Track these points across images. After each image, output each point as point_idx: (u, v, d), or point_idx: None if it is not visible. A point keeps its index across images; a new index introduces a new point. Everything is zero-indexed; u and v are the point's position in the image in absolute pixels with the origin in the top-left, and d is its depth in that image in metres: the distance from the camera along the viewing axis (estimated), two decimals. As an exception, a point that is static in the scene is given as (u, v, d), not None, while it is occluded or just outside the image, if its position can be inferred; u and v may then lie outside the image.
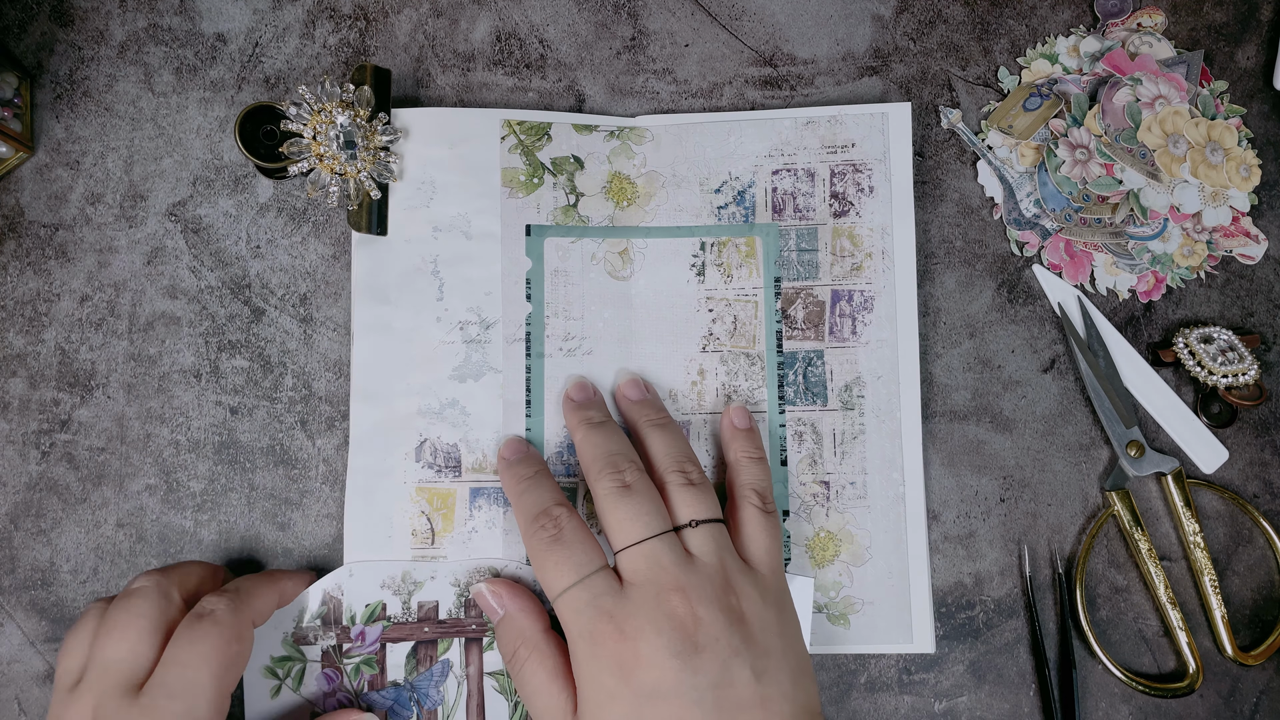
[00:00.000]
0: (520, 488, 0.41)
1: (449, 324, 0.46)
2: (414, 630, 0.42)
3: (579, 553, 0.38)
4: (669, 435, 0.42)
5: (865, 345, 0.46)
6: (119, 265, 0.47)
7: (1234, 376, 0.46)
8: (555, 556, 0.38)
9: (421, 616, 0.42)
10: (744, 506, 0.41)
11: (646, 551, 0.37)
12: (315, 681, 0.41)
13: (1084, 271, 0.48)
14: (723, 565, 0.38)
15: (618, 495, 0.39)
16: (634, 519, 0.38)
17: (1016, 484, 0.47)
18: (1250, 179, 0.48)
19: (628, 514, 0.38)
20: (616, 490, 0.39)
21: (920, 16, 0.50)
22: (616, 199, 0.47)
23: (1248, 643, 0.47)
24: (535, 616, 0.41)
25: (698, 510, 0.39)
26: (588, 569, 0.38)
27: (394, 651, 0.42)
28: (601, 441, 0.41)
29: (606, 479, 0.39)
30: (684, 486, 0.40)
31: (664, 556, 0.37)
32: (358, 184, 0.45)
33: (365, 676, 0.41)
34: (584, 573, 0.38)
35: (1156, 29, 0.50)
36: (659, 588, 0.36)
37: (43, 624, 0.45)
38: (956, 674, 0.46)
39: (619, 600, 0.37)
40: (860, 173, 0.47)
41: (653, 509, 0.38)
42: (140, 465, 0.46)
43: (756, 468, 0.42)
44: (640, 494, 0.39)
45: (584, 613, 0.37)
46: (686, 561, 0.37)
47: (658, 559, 0.37)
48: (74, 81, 0.48)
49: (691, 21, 0.50)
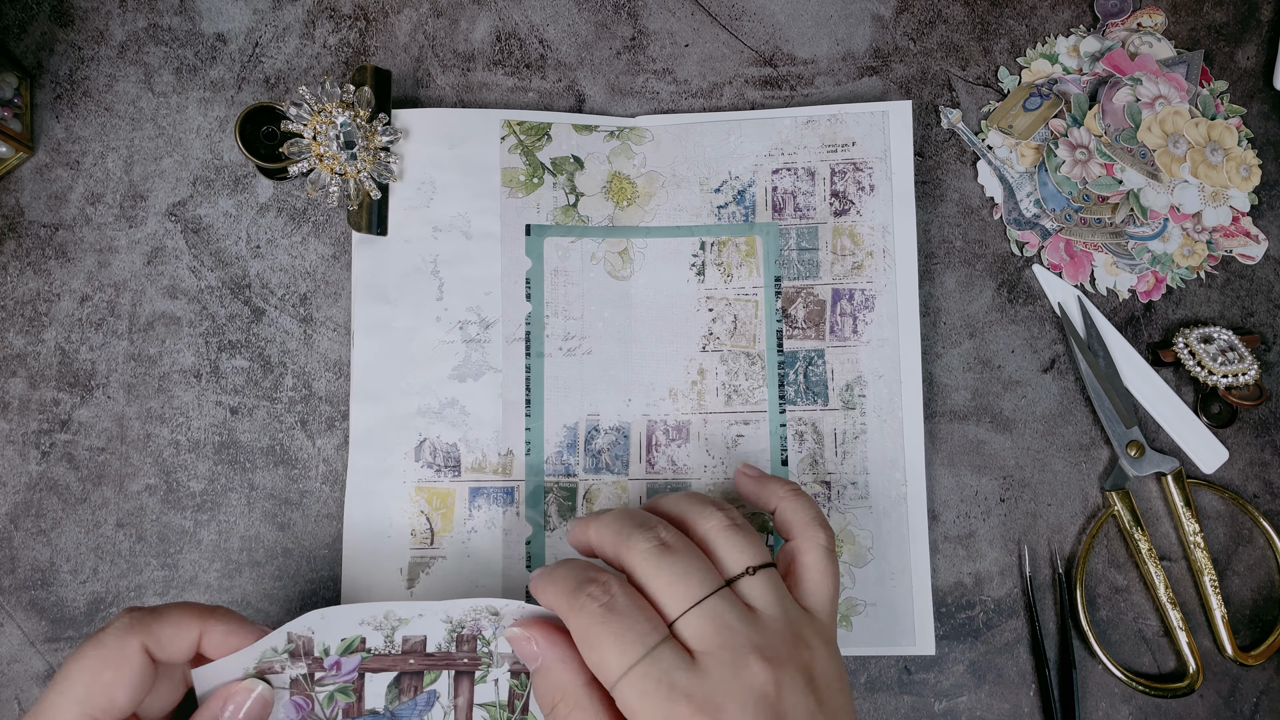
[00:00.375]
0: (549, 570, 0.36)
1: (449, 324, 0.46)
2: (397, 662, 0.39)
3: (640, 621, 0.32)
4: (685, 494, 0.38)
5: (866, 344, 0.46)
6: (119, 265, 0.47)
7: (1234, 376, 0.46)
8: (612, 629, 0.32)
9: (406, 650, 0.39)
10: (809, 548, 0.37)
11: (709, 612, 0.32)
12: (282, 709, 0.37)
13: (1084, 271, 0.48)
14: (787, 617, 0.34)
15: (658, 555, 0.34)
16: (685, 577, 0.33)
17: (1016, 484, 0.47)
18: (1250, 179, 0.48)
19: (676, 573, 0.33)
20: (655, 551, 0.34)
21: (920, 16, 0.50)
22: (616, 199, 0.47)
23: (1248, 643, 0.47)
24: (577, 667, 0.35)
25: (750, 554, 0.35)
26: (652, 640, 0.32)
27: (374, 681, 0.39)
28: (615, 517, 0.36)
29: (639, 541, 0.34)
30: (728, 530, 0.35)
31: (728, 615, 0.33)
32: (358, 184, 0.45)
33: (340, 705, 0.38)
34: (649, 645, 0.32)
35: (1156, 29, 0.50)
36: (734, 654, 0.32)
37: (43, 624, 0.45)
38: (956, 674, 0.46)
39: (694, 676, 0.31)
40: (861, 171, 0.47)
41: (701, 564, 0.34)
42: (140, 465, 0.46)
43: (807, 502, 0.39)
44: (683, 550, 0.34)
45: (655, 695, 0.31)
46: (752, 617, 0.33)
47: (723, 619, 0.32)
48: (74, 81, 0.48)
49: (691, 21, 0.50)
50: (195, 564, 0.46)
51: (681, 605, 0.33)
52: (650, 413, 0.46)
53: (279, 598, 0.46)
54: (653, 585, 0.33)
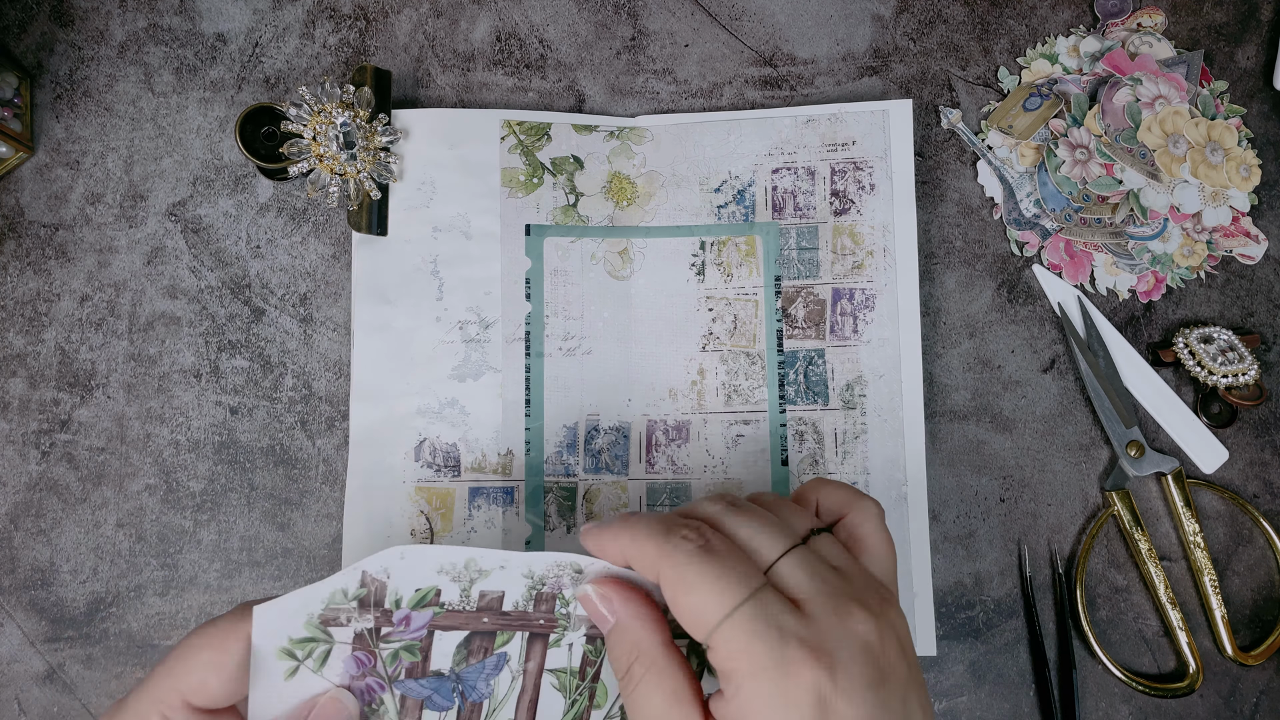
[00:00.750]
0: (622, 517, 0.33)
1: (448, 324, 0.46)
2: (470, 620, 0.36)
3: (739, 564, 0.30)
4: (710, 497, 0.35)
5: (867, 344, 0.46)
6: (119, 265, 0.47)
7: (1234, 376, 0.46)
8: (712, 569, 0.30)
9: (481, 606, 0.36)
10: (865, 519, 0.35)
11: (801, 560, 0.31)
12: (342, 664, 0.34)
13: (1084, 271, 0.48)
14: (866, 574, 0.32)
15: (731, 513, 0.32)
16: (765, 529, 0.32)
17: (1016, 484, 0.47)
18: (1250, 179, 0.48)
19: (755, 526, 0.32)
20: (725, 509, 0.32)
21: (920, 16, 0.50)
22: (616, 199, 0.47)
23: (1248, 643, 0.47)
24: (654, 627, 0.33)
25: (808, 519, 0.34)
26: (755, 581, 0.30)
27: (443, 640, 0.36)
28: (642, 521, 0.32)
29: (677, 543, 0.31)
30: (778, 502, 0.34)
31: (819, 566, 0.31)
32: (358, 184, 0.45)
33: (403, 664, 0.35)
34: (752, 586, 0.29)
35: (1156, 29, 0.50)
36: (835, 601, 0.30)
37: (43, 624, 0.45)
38: (956, 674, 0.46)
39: (801, 620, 0.29)
40: (861, 170, 0.47)
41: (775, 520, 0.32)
42: (140, 465, 0.46)
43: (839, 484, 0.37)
44: (752, 509, 0.32)
45: (765, 636, 0.29)
46: (838, 571, 0.31)
47: (815, 568, 0.31)
48: (74, 81, 0.48)
49: (691, 21, 0.50)
50: (195, 564, 0.46)
51: (775, 551, 0.31)
52: (650, 413, 0.46)
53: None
54: (740, 533, 0.31)
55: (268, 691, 0.33)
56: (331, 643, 0.35)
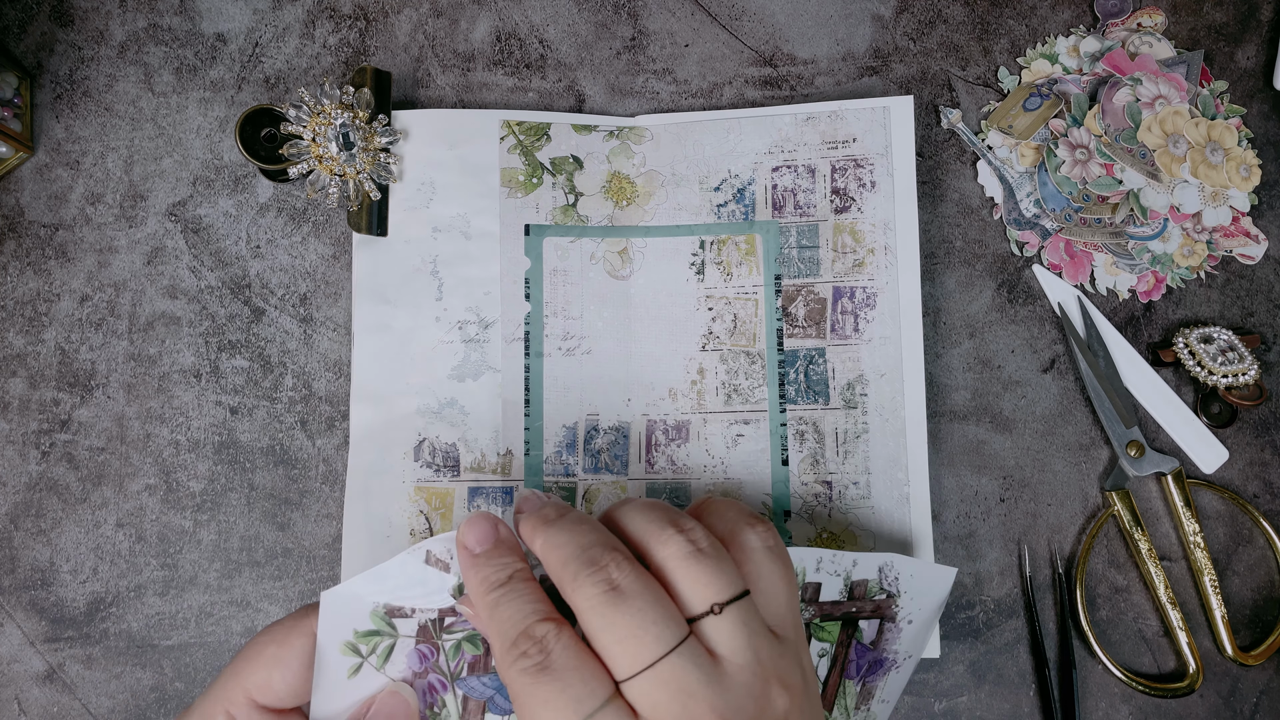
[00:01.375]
0: (490, 599, 0.31)
1: (448, 324, 0.46)
2: None
3: (575, 683, 0.28)
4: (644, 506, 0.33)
5: (868, 343, 0.46)
6: (119, 265, 0.47)
7: (1234, 376, 0.46)
8: (543, 692, 0.28)
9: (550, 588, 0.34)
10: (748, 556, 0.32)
11: (665, 676, 0.28)
12: (405, 659, 0.33)
13: (1084, 271, 0.48)
14: (759, 659, 0.29)
15: (607, 603, 0.29)
16: (638, 631, 0.28)
17: (1016, 484, 0.47)
18: (1250, 179, 0.48)
19: (627, 626, 0.28)
20: (602, 598, 0.29)
21: (920, 16, 0.50)
22: (616, 198, 0.47)
23: (1248, 643, 0.46)
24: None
25: (717, 587, 0.30)
26: (589, 705, 0.28)
27: None
28: (567, 538, 0.31)
29: (585, 584, 0.29)
30: (689, 559, 0.30)
31: (689, 677, 0.28)
32: (357, 185, 0.45)
33: (466, 657, 0.34)
34: (585, 711, 0.27)
35: (1156, 29, 0.50)
36: None
37: (43, 624, 0.45)
38: (956, 674, 0.46)
39: None
40: (862, 168, 0.47)
41: (658, 610, 0.29)
42: (140, 465, 0.46)
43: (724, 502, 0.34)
44: (637, 594, 0.29)
45: None
46: (716, 674, 0.28)
47: (681, 684, 0.28)
48: (74, 81, 0.48)
49: (691, 21, 0.50)
50: (195, 564, 0.46)
51: (632, 666, 0.28)
52: (650, 412, 0.46)
53: (279, 598, 0.46)
54: (601, 640, 0.29)
55: (330, 691, 0.33)
56: (396, 636, 0.34)
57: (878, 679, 0.41)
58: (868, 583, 0.40)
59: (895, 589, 0.40)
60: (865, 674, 0.41)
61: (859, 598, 0.39)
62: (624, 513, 0.33)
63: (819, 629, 0.39)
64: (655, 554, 0.31)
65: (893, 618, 0.40)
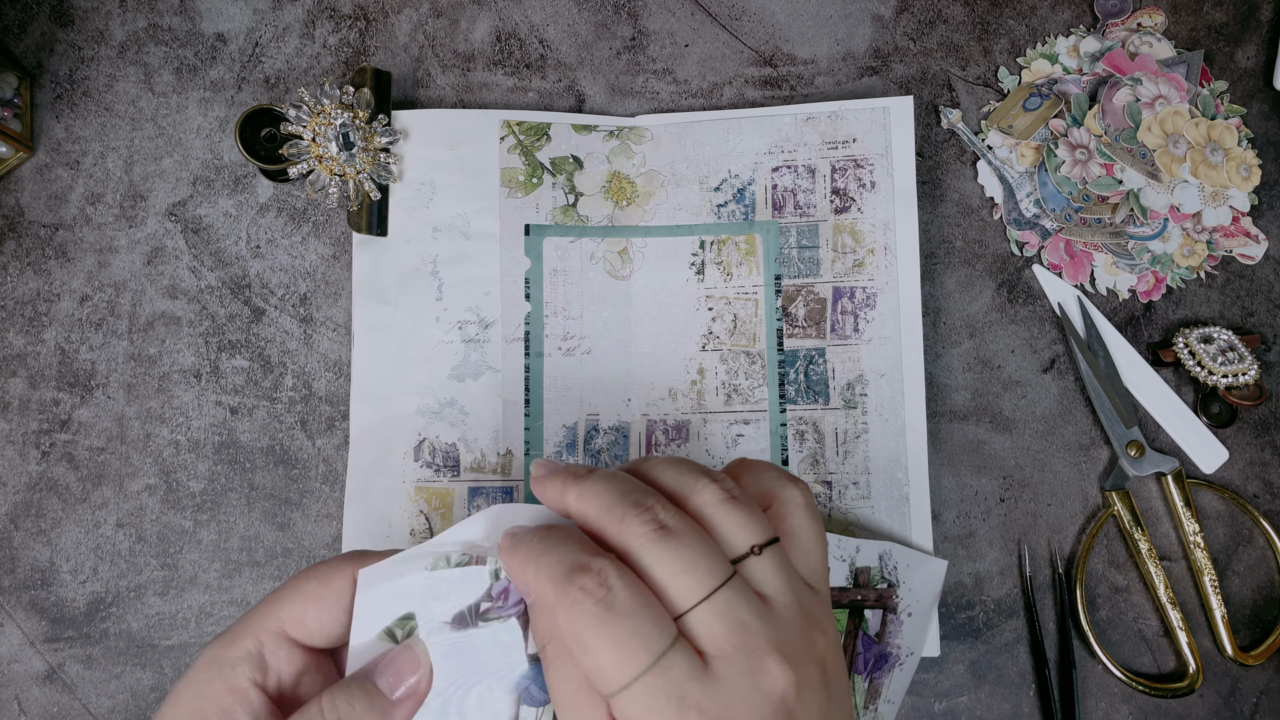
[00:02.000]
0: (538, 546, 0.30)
1: (448, 324, 0.46)
2: None
3: (645, 622, 0.27)
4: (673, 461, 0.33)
5: (868, 343, 0.46)
6: (119, 265, 0.47)
7: (1234, 376, 0.46)
8: (613, 631, 0.27)
9: None
10: (790, 510, 0.32)
11: (721, 608, 0.28)
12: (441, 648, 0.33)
13: (1084, 271, 0.48)
14: (799, 600, 0.30)
15: (658, 542, 0.28)
16: (691, 567, 0.28)
17: (1016, 484, 0.47)
18: (1250, 179, 0.48)
19: (682, 561, 0.28)
20: (653, 536, 0.29)
21: (920, 16, 0.50)
22: (616, 198, 0.47)
23: (1248, 643, 0.46)
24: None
25: (754, 530, 0.30)
26: (661, 644, 0.27)
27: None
28: (604, 486, 0.31)
29: (635, 525, 0.29)
30: (726, 504, 0.30)
31: (742, 609, 0.28)
32: (357, 185, 0.45)
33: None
34: (657, 650, 0.27)
35: (1156, 29, 0.50)
36: (751, 656, 0.28)
37: (43, 624, 0.45)
38: (956, 674, 0.46)
39: (708, 686, 0.27)
40: (862, 168, 0.47)
41: (708, 548, 0.29)
42: (140, 465, 0.46)
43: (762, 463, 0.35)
44: (685, 532, 0.29)
45: (663, 711, 0.27)
46: (765, 609, 0.29)
47: (737, 615, 0.28)
48: (74, 81, 0.48)
49: (691, 21, 0.50)
50: (195, 564, 0.46)
51: (691, 598, 0.28)
52: (650, 412, 0.46)
53: (279, 598, 0.46)
54: (657, 574, 0.28)
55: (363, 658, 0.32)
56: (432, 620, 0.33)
57: (884, 676, 0.41)
58: (870, 570, 0.40)
59: (895, 578, 0.41)
60: (872, 669, 0.41)
61: (863, 585, 0.40)
62: (652, 466, 0.33)
63: None
64: (692, 500, 0.31)
65: (894, 609, 0.41)
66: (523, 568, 0.30)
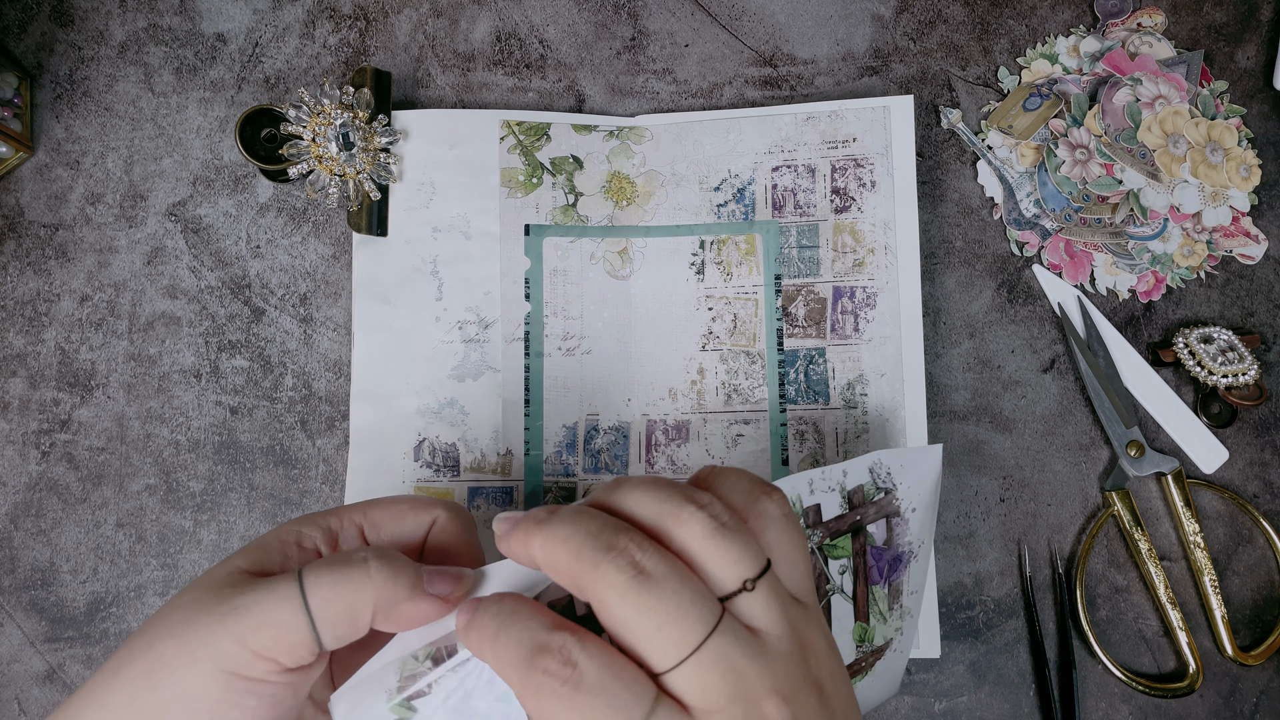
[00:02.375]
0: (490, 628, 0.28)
1: (448, 324, 0.46)
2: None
3: (619, 693, 0.25)
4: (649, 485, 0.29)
5: (868, 342, 0.46)
6: (119, 265, 0.47)
7: (1234, 376, 0.46)
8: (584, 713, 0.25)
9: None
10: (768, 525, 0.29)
11: (711, 658, 0.25)
12: None
13: (1084, 271, 0.48)
14: (793, 627, 0.28)
15: (637, 588, 0.26)
16: (676, 617, 0.25)
17: (1016, 484, 0.47)
18: (1250, 179, 0.48)
19: (664, 613, 0.25)
20: (631, 584, 0.26)
21: (920, 16, 0.50)
22: (616, 198, 0.47)
23: (1248, 643, 0.46)
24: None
25: (745, 563, 0.27)
26: (639, 711, 0.25)
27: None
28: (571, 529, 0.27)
29: (609, 571, 0.26)
30: (714, 535, 0.27)
31: (735, 655, 0.26)
32: (357, 185, 0.45)
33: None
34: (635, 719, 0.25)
35: (1156, 29, 0.50)
36: (746, 705, 0.26)
37: (43, 624, 0.45)
38: (956, 674, 0.46)
39: None
40: (862, 168, 0.47)
41: (692, 591, 0.26)
42: (140, 465, 0.46)
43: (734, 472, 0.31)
44: (666, 575, 0.26)
45: None
46: (759, 648, 0.27)
47: (730, 663, 0.26)
48: (74, 81, 0.48)
49: (691, 21, 0.50)
50: (195, 564, 0.46)
51: (675, 656, 0.26)
52: (650, 412, 0.46)
53: (279, 598, 0.46)
54: (634, 632, 0.26)
55: None
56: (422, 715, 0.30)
57: (901, 574, 0.41)
58: (863, 487, 0.39)
59: (890, 483, 0.39)
60: (888, 574, 0.40)
61: (859, 505, 0.39)
62: (624, 495, 0.29)
63: (832, 548, 0.38)
64: (674, 534, 0.28)
65: (896, 512, 0.40)
66: (480, 649, 0.28)
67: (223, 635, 0.28)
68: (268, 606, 0.28)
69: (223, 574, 0.30)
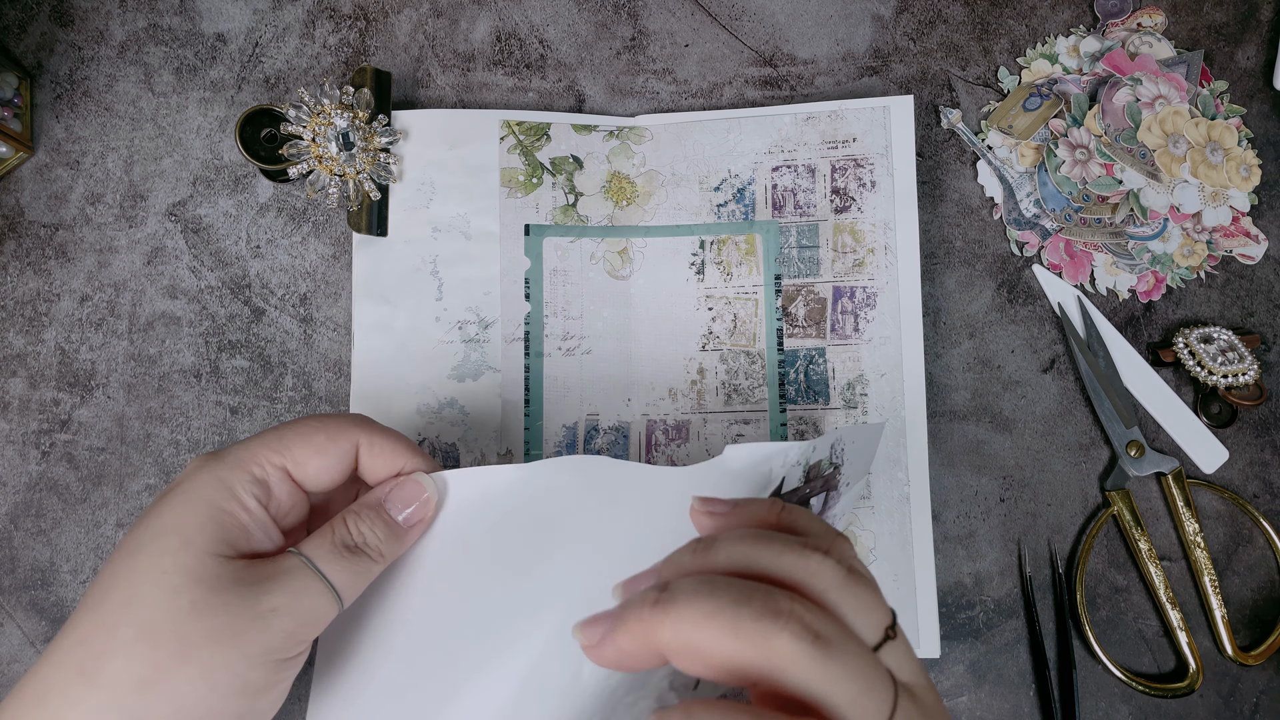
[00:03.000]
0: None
1: (448, 324, 0.46)
2: None
3: None
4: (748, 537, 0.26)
5: (868, 343, 0.46)
6: (119, 265, 0.47)
7: (1234, 376, 0.46)
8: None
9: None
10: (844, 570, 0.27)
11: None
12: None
13: (1084, 271, 0.48)
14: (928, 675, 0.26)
15: (822, 656, 0.23)
16: (869, 684, 0.23)
17: (1016, 484, 0.47)
18: (1250, 179, 0.48)
19: (858, 680, 0.23)
20: (813, 651, 0.23)
21: (920, 16, 0.50)
22: (616, 198, 0.47)
23: (1248, 643, 0.46)
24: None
25: (879, 610, 0.25)
26: None
27: None
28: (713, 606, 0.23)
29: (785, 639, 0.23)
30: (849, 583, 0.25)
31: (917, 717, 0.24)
32: (357, 185, 0.45)
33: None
34: None
35: (1156, 29, 0.50)
36: None
37: (43, 624, 0.45)
38: (957, 674, 0.46)
39: None
40: (862, 168, 0.47)
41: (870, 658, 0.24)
42: (140, 465, 0.46)
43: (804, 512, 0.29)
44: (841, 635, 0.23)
45: None
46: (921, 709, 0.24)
47: None
48: (74, 81, 0.48)
49: (691, 21, 0.50)
50: (195, 564, 0.46)
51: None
52: (650, 412, 0.46)
53: (279, 598, 0.46)
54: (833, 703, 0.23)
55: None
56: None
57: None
58: (820, 463, 0.38)
59: (841, 459, 0.39)
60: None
61: (813, 479, 0.38)
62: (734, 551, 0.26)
63: None
64: (810, 586, 0.25)
65: (835, 487, 0.40)
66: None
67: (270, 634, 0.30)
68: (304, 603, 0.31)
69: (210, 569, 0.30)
